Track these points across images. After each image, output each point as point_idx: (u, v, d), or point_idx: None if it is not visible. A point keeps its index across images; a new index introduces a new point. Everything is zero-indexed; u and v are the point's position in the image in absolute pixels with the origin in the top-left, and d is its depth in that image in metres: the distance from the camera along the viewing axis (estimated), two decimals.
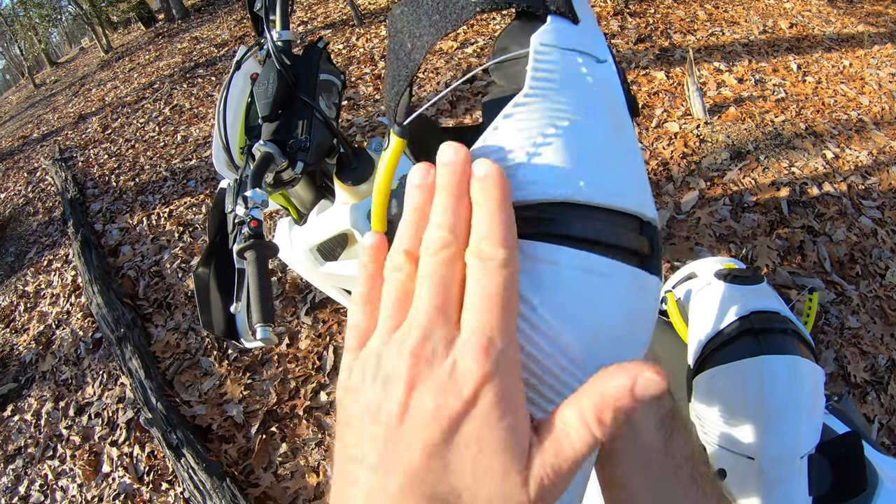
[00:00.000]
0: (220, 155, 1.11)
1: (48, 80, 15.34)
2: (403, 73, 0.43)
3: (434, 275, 0.31)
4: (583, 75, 0.39)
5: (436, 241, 0.32)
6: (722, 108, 3.51)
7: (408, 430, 0.29)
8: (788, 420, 0.79)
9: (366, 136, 4.08)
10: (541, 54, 0.38)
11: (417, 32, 0.42)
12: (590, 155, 0.36)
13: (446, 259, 0.31)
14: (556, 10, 0.41)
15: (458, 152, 0.34)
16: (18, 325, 3.89)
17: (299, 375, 2.45)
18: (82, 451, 2.66)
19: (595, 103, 0.38)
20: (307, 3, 8.44)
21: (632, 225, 0.37)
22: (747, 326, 0.86)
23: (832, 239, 2.55)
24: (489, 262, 0.30)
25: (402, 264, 0.34)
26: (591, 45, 0.42)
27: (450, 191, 0.33)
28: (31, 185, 6.25)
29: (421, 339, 0.30)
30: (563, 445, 0.29)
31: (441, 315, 0.30)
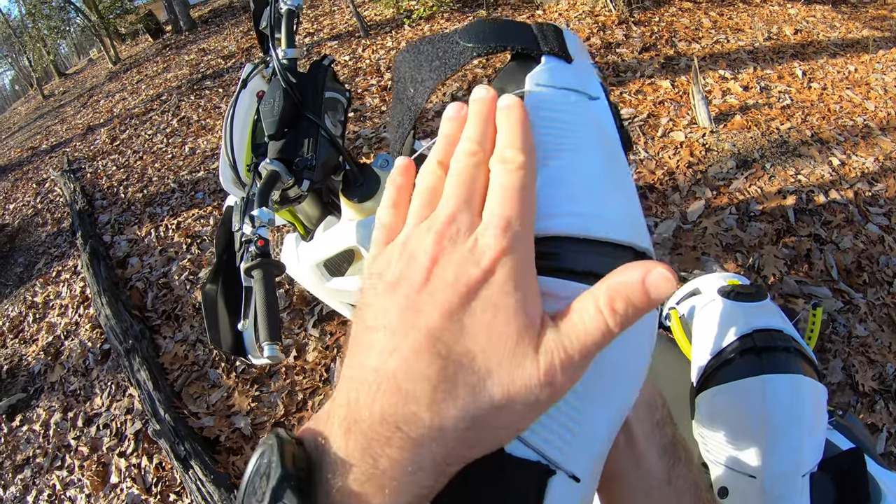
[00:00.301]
0: (227, 173, 1.12)
1: (57, 91, 15.46)
2: (407, 117, 0.46)
3: (461, 173, 0.34)
4: (576, 112, 0.41)
5: (464, 150, 0.35)
6: (727, 116, 3.51)
7: (427, 296, 0.31)
8: (790, 439, 0.79)
9: (373, 147, 4.09)
10: (535, 94, 0.40)
11: (419, 77, 0.45)
12: (583, 189, 0.37)
13: (473, 163, 0.34)
14: (550, 50, 0.43)
15: (488, 91, 0.37)
16: (27, 336, 3.92)
17: (307, 387, 2.45)
18: (90, 461, 2.67)
19: (588, 138, 0.39)
20: (314, 15, 8.49)
21: (627, 256, 0.37)
22: (749, 345, 0.86)
23: (839, 247, 2.54)
24: (510, 163, 0.33)
25: (434, 168, 0.37)
26: (584, 83, 0.43)
27: (480, 116, 0.36)
28: (40, 196, 6.29)
29: (446, 221, 0.32)
30: (575, 326, 0.30)
31: (465, 203, 0.33)
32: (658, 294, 0.29)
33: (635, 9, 5.19)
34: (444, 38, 0.45)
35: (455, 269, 0.31)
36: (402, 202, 0.38)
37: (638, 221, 0.39)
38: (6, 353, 3.85)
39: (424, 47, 0.45)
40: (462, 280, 0.30)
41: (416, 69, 0.45)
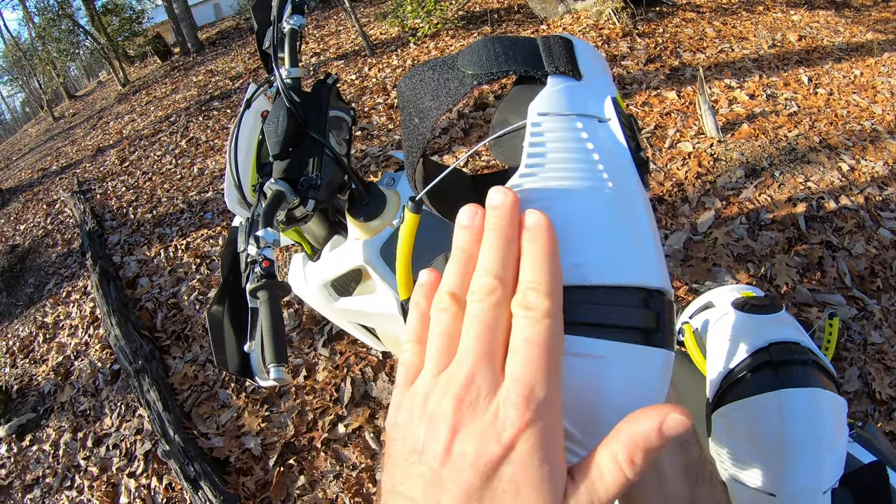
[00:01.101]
0: (232, 193, 1.11)
1: (67, 113, 15.65)
2: (416, 146, 0.44)
3: (480, 319, 0.32)
4: (583, 142, 0.38)
5: (483, 287, 0.33)
6: (735, 125, 3.49)
7: (449, 472, 0.30)
8: (810, 455, 0.77)
9: (380, 165, 4.10)
10: (537, 126, 0.38)
11: (422, 107, 0.43)
12: (588, 233, 0.36)
13: (493, 304, 0.32)
14: (556, 69, 0.41)
15: (508, 196, 0.35)
16: (37, 356, 3.93)
17: (317, 407, 2.43)
18: (100, 482, 2.66)
19: (594, 172, 0.38)
20: (319, 35, 8.58)
21: (634, 300, 0.36)
22: (766, 359, 0.84)
23: (851, 253, 2.51)
24: (534, 311, 0.31)
25: (448, 305, 0.35)
26: (594, 104, 0.41)
27: (499, 234, 0.34)
28: (51, 217, 6.34)
29: (466, 383, 0.31)
30: (597, 488, 0.30)
31: (486, 359, 0.31)
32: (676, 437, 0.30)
33: (639, 21, 5.20)
34: (445, 63, 0.43)
35: (475, 446, 0.30)
36: (425, 336, 0.36)
37: (649, 259, 0.37)
38: (16, 372, 3.87)
39: (426, 74, 0.44)
40: (482, 459, 0.30)
41: (419, 97, 0.44)
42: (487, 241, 0.34)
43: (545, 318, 0.31)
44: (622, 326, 0.35)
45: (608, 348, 0.34)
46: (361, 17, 8.25)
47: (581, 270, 0.34)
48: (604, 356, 0.34)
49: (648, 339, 0.36)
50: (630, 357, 0.35)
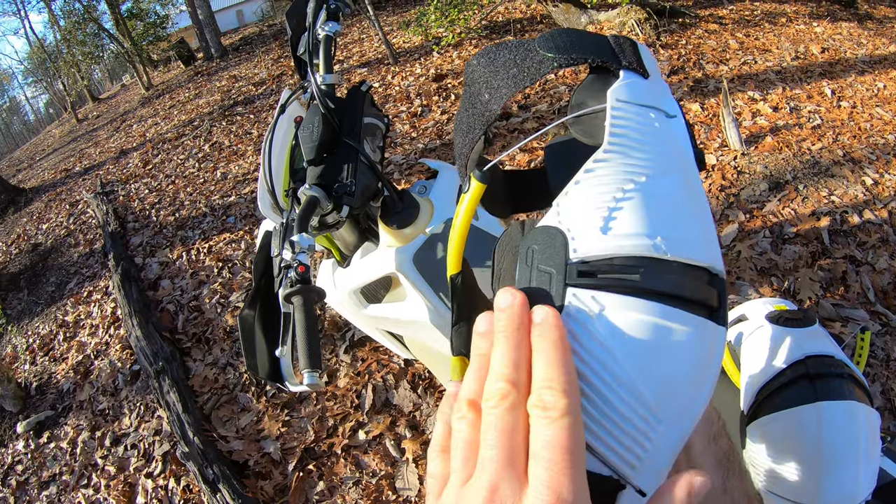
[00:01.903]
0: (266, 198, 1.12)
1: (90, 115, 15.86)
2: (479, 122, 0.46)
3: (496, 426, 0.32)
4: (657, 130, 0.41)
5: (496, 393, 0.33)
6: (758, 137, 3.47)
7: None
8: (847, 467, 0.77)
9: (403, 173, 4.11)
10: (618, 110, 0.40)
11: (495, 84, 0.44)
12: (666, 211, 0.38)
13: (507, 409, 0.33)
14: (629, 65, 0.43)
15: (515, 297, 0.36)
16: (57, 354, 3.98)
17: (338, 413, 2.43)
18: (117, 481, 2.67)
19: (668, 159, 0.40)
20: (343, 43, 8.63)
21: (703, 278, 0.38)
22: (802, 371, 0.84)
23: (875, 268, 2.47)
24: (551, 411, 0.31)
25: (466, 414, 0.35)
26: (662, 101, 0.43)
27: (507, 336, 0.35)
28: (73, 218, 6.42)
29: (489, 494, 0.31)
30: None
31: (506, 467, 0.31)
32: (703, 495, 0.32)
33: (662, 32, 5.19)
34: (522, 45, 0.45)
35: None
36: (449, 446, 0.37)
37: (712, 243, 0.40)
38: (36, 370, 3.91)
39: (501, 53, 0.45)
40: None
41: (492, 75, 0.45)
42: (497, 345, 0.35)
43: (563, 418, 0.31)
44: (694, 300, 0.37)
45: (687, 319, 0.36)
46: (385, 26, 8.31)
47: (660, 244, 0.36)
48: (683, 326, 0.36)
49: (712, 315, 0.38)
50: (702, 329, 0.37)
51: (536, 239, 0.40)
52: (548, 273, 0.38)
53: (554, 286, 0.37)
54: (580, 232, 0.38)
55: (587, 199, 0.38)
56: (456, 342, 0.51)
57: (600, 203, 0.38)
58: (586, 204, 0.38)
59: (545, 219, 0.41)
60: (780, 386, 0.85)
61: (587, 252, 0.37)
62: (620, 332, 0.35)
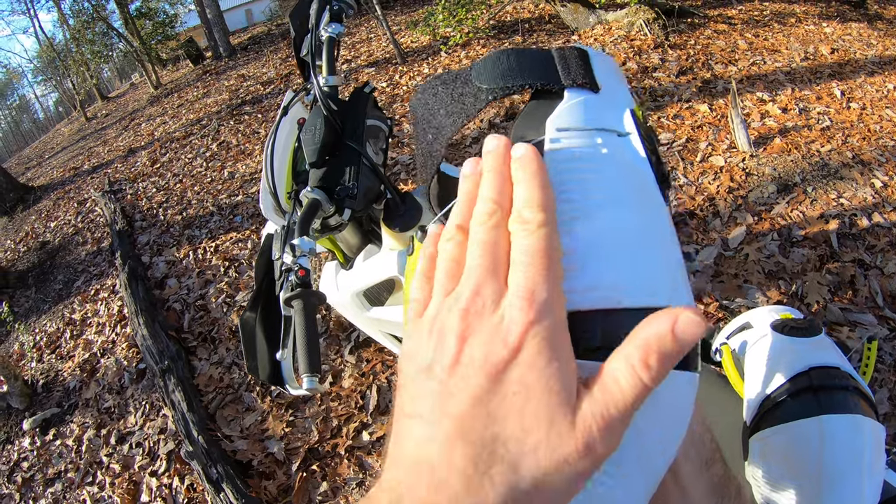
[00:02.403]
0: (268, 200, 1.11)
1: (99, 113, 15.95)
2: (430, 163, 0.44)
3: (482, 240, 0.34)
4: (603, 158, 0.38)
5: (482, 212, 0.35)
6: (767, 139, 3.44)
7: (458, 380, 0.31)
8: (850, 483, 0.75)
9: (410, 174, 4.11)
10: (556, 142, 0.38)
11: (436, 124, 0.43)
12: (617, 250, 0.35)
13: (492, 226, 0.34)
14: (573, 82, 0.40)
15: (500, 140, 0.37)
16: (64, 352, 4.00)
17: (342, 414, 2.43)
18: (122, 479, 2.68)
19: (618, 189, 0.37)
20: (351, 42, 8.63)
21: None
22: (806, 383, 0.82)
23: (884, 272, 2.45)
24: (529, 223, 0.32)
25: (454, 234, 0.36)
26: (612, 118, 0.40)
27: (493, 170, 0.36)
28: (81, 216, 6.45)
29: (472, 295, 0.32)
30: (611, 391, 0.29)
31: (489, 273, 0.32)
32: (690, 339, 0.29)
33: (671, 32, 5.16)
34: (458, 77, 0.43)
35: (483, 349, 0.31)
36: (433, 274, 0.38)
37: (675, 279, 0.36)
38: (43, 367, 3.93)
39: (439, 89, 0.43)
40: (490, 360, 0.30)
41: (433, 113, 0.43)
42: (485, 178, 0.36)
43: (540, 228, 0.32)
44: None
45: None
46: (392, 26, 8.30)
47: (611, 293, 0.33)
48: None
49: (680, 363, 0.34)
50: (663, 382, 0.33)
51: None
52: None
53: None
54: None
55: None
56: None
57: None
58: None
59: None
60: (783, 398, 0.84)
61: None
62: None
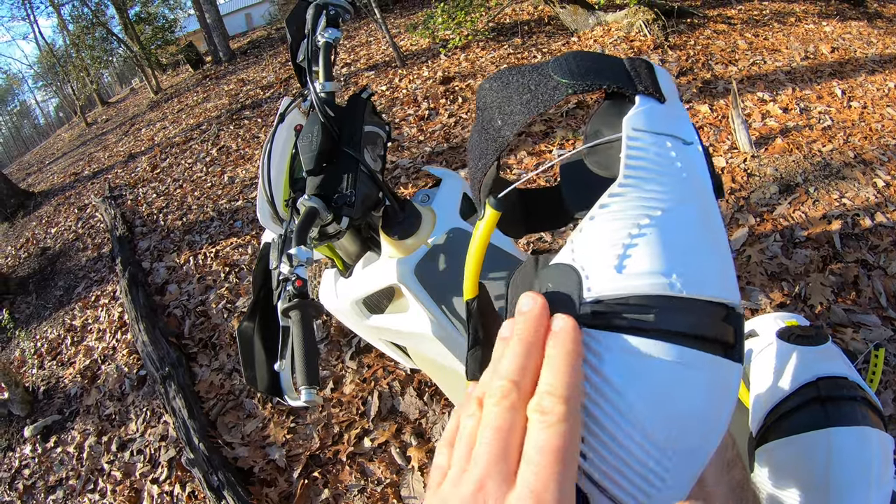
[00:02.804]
0: (265, 208, 1.10)
1: (100, 118, 15.96)
2: (492, 148, 0.45)
3: (492, 424, 0.33)
4: (673, 160, 0.41)
5: (496, 391, 0.34)
6: (768, 139, 3.43)
7: None
8: (857, 496, 0.74)
9: (410, 177, 4.09)
10: (633, 140, 0.40)
11: (508, 110, 0.44)
12: (682, 246, 0.37)
13: (506, 408, 0.33)
14: (644, 90, 0.43)
15: (536, 303, 0.36)
16: (65, 358, 3.99)
17: (343, 420, 2.42)
18: (123, 486, 2.67)
19: (685, 190, 0.40)
20: (350, 46, 8.63)
21: (719, 314, 0.38)
22: (814, 394, 0.81)
23: (887, 272, 2.43)
24: (548, 416, 0.31)
25: (474, 411, 0.36)
26: (678, 127, 0.43)
27: (521, 339, 0.35)
28: (81, 222, 6.45)
29: (475, 489, 0.31)
30: None
31: (496, 464, 0.32)
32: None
33: (670, 33, 5.15)
34: (536, 70, 0.44)
35: None
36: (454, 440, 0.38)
37: (730, 276, 0.39)
38: (43, 374, 3.92)
39: (514, 78, 0.45)
40: None
41: (505, 100, 0.44)
42: (510, 346, 0.35)
43: (559, 424, 0.31)
44: (708, 338, 0.37)
45: (700, 359, 0.36)
46: (392, 29, 8.31)
47: (675, 281, 0.36)
48: (697, 366, 0.35)
49: (727, 352, 0.38)
50: (716, 369, 0.36)
51: (551, 277, 0.39)
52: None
53: None
54: (594, 271, 0.37)
55: (602, 236, 0.38)
56: (471, 366, 0.51)
57: (615, 240, 0.37)
58: (601, 241, 0.38)
59: (559, 255, 0.40)
60: (791, 409, 0.83)
61: (601, 291, 0.36)
62: (631, 373, 0.34)
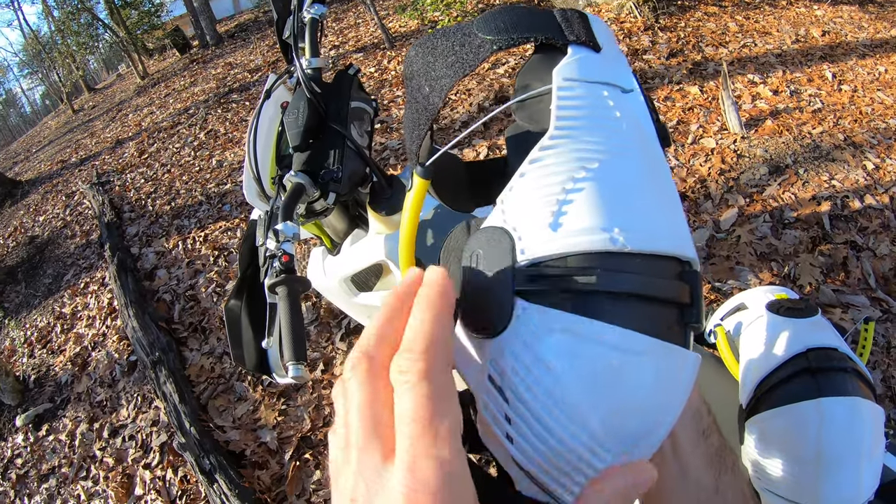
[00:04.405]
0: (251, 185, 1.09)
1: (86, 105, 15.79)
2: (424, 118, 0.43)
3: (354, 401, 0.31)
4: (610, 109, 0.38)
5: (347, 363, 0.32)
6: (758, 121, 3.43)
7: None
8: (848, 467, 0.74)
9: (400, 159, 4.08)
10: (564, 90, 0.38)
11: (434, 75, 0.42)
12: (623, 197, 0.35)
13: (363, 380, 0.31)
14: (577, 39, 0.40)
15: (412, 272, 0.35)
16: (55, 346, 3.97)
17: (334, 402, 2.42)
18: (115, 472, 2.67)
19: (625, 139, 0.37)
20: (338, 28, 8.56)
21: (671, 270, 0.35)
22: (804, 365, 0.81)
23: (876, 253, 2.45)
24: (407, 375, 0.29)
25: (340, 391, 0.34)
26: (616, 75, 0.40)
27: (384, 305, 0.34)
28: (69, 209, 6.40)
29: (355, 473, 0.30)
30: None
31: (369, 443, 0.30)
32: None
33: (661, 14, 5.13)
34: (460, 29, 0.42)
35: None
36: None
37: (681, 228, 0.37)
38: (34, 362, 3.90)
39: (439, 42, 0.43)
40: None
41: (430, 65, 0.42)
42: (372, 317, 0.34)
43: (421, 383, 0.29)
44: (659, 299, 0.34)
45: (650, 345, 0.33)
46: (380, 10, 8.23)
47: (617, 236, 0.33)
48: (645, 352, 0.33)
49: (683, 313, 0.35)
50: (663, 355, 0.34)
51: (480, 242, 0.36)
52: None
53: (501, 293, 0.34)
54: (527, 231, 0.34)
55: (534, 194, 0.35)
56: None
57: (548, 196, 0.35)
58: (533, 199, 0.35)
59: (489, 219, 0.37)
60: (781, 380, 0.82)
61: (535, 253, 0.34)
62: (569, 357, 0.32)
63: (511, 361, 0.33)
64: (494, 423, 0.34)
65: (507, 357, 0.33)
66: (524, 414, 0.32)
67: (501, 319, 0.33)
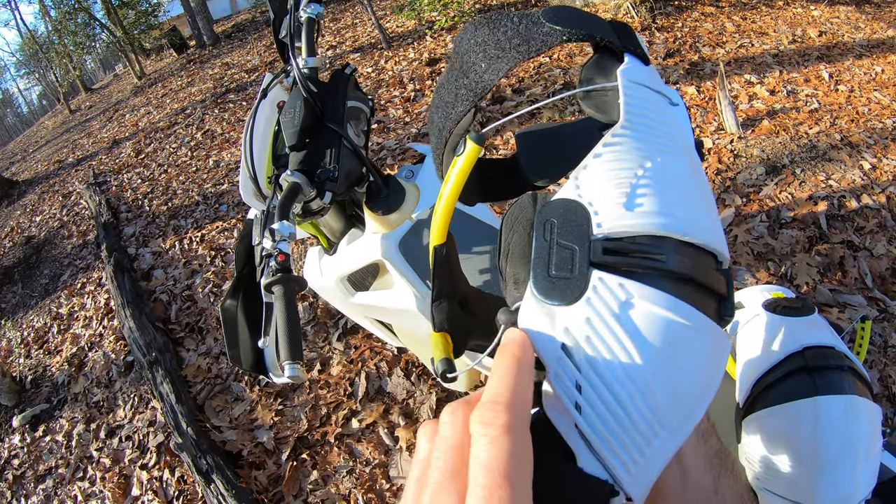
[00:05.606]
0: (248, 185, 1.09)
1: (83, 105, 15.76)
2: (470, 94, 0.44)
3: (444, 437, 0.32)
4: (666, 114, 0.42)
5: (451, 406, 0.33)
6: (755, 121, 3.44)
7: None
8: (845, 466, 0.74)
9: (396, 158, 4.08)
10: (630, 90, 0.41)
11: (494, 54, 0.43)
12: (682, 192, 0.37)
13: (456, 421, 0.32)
14: (633, 49, 0.44)
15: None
16: (52, 347, 3.96)
17: (331, 402, 2.42)
18: (112, 473, 2.66)
19: (676, 143, 0.40)
20: (335, 28, 8.56)
21: (713, 264, 0.38)
22: (801, 364, 0.80)
23: (873, 253, 2.46)
24: (490, 427, 0.29)
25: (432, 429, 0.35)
26: (665, 88, 0.44)
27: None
28: (66, 209, 6.38)
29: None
30: None
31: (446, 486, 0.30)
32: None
33: (658, 15, 5.14)
34: (526, 16, 0.44)
35: None
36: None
37: (720, 229, 0.39)
38: (31, 363, 3.89)
39: (503, 22, 0.44)
40: None
41: (491, 45, 0.44)
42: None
43: (503, 436, 0.29)
44: (704, 285, 0.36)
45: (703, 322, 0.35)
46: (378, 10, 8.24)
47: (678, 224, 0.35)
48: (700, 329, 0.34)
49: (720, 305, 0.37)
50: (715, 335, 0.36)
51: (555, 212, 0.38)
52: (569, 249, 0.36)
53: (577, 263, 0.35)
54: (604, 207, 0.36)
55: (609, 174, 0.37)
56: (437, 318, 0.49)
57: (623, 178, 0.37)
58: (608, 178, 0.37)
59: (562, 191, 0.39)
60: (778, 379, 0.82)
61: (612, 228, 0.35)
62: (644, 329, 0.33)
63: (586, 329, 0.34)
64: (564, 391, 0.34)
65: (582, 325, 0.34)
66: (596, 382, 0.33)
67: (577, 288, 0.35)
